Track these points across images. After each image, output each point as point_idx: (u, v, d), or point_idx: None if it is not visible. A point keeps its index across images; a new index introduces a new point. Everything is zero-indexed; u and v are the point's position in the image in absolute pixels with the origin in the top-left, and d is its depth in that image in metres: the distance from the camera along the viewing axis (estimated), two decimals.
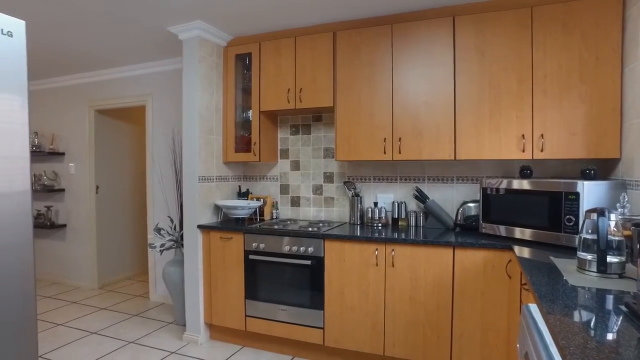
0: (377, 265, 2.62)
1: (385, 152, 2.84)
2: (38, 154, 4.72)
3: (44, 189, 4.69)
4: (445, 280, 2.46)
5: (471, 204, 2.81)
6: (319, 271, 2.78)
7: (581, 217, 2.08)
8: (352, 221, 3.19)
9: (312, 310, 2.81)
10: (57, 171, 4.84)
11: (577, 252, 1.64)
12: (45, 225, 4.73)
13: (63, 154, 4.78)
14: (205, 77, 3.18)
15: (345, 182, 3.26)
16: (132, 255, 5.17)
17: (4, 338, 1.26)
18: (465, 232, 2.75)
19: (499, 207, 2.50)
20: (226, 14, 2.85)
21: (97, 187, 4.64)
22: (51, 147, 4.79)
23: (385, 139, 2.84)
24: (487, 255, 2.35)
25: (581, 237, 1.62)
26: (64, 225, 4.81)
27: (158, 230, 3.54)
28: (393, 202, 3.12)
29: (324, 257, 2.76)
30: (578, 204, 2.10)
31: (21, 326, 1.31)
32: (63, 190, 4.80)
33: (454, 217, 2.90)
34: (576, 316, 1.12)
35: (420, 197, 2.98)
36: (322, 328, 2.78)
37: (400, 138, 2.80)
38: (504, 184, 2.47)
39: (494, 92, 2.56)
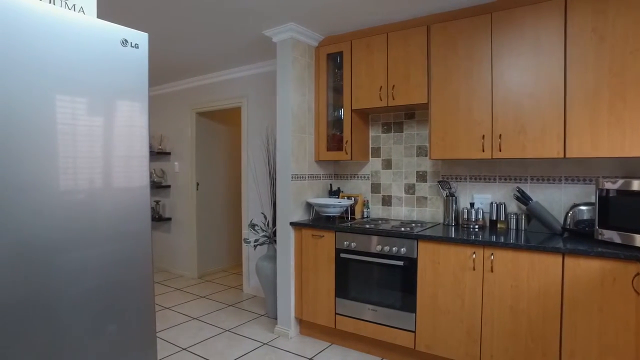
0: (474, 269, 2.48)
1: (483, 150, 2.67)
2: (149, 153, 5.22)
3: (154, 186, 5.19)
4: (553, 290, 2.24)
5: (583, 207, 2.53)
6: (412, 272, 2.70)
7: None
8: (446, 222, 3.06)
9: (402, 312, 2.74)
10: (164, 169, 5.33)
11: None
12: (154, 218, 5.24)
13: (169, 153, 5.24)
14: (298, 77, 3.26)
15: (439, 182, 3.13)
16: (228, 249, 5.50)
17: (129, 316, 1.40)
18: (575, 238, 2.48)
19: (621, 211, 2.20)
20: (318, 14, 2.89)
21: (198, 184, 5.01)
22: (159, 147, 5.28)
23: (483, 136, 2.67)
24: (606, 265, 2.09)
25: None
26: (170, 219, 5.27)
27: (252, 226, 3.71)
28: (491, 203, 2.92)
29: (417, 258, 2.68)
30: None
31: (143, 306, 1.45)
32: (169, 186, 5.27)
33: (562, 221, 2.64)
34: None
35: (522, 198, 2.75)
36: (413, 331, 2.70)
37: (500, 135, 2.61)
38: (628, 186, 2.17)
39: (616, 80, 2.26)
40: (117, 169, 1.37)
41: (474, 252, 2.47)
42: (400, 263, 2.73)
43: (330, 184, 3.69)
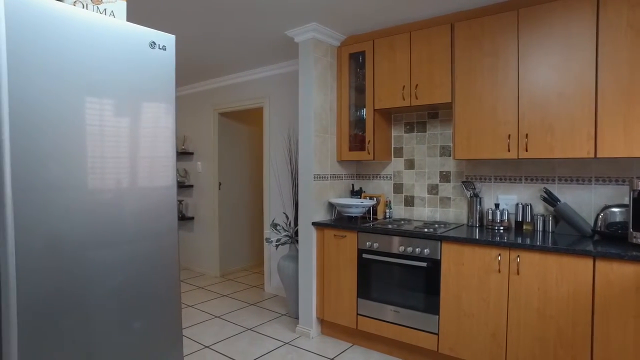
0: (499, 271, 2.42)
1: (509, 150, 2.61)
2: None
3: (177, 185, 5.26)
4: (583, 295, 2.17)
5: (615, 209, 2.44)
6: (435, 274, 2.66)
7: None
8: (470, 223, 3.00)
9: (425, 314, 2.70)
10: (187, 169, 5.41)
11: None
12: (178, 217, 5.30)
13: (192, 153, 5.32)
14: (320, 77, 3.26)
15: (463, 182, 3.07)
16: (250, 248, 5.54)
17: (157, 313, 1.42)
18: (607, 241, 2.40)
19: None
20: (341, 13, 2.88)
21: (220, 184, 5.07)
22: (183, 147, 5.36)
23: (509, 135, 2.61)
24: None
25: None
26: (192, 218, 5.34)
27: (274, 225, 3.72)
28: (517, 204, 2.85)
29: (440, 259, 2.64)
30: None
31: (169, 303, 1.47)
32: (192, 186, 5.34)
33: (592, 223, 2.55)
34: None
35: (550, 199, 2.68)
36: (437, 334, 2.66)
37: (527, 134, 2.55)
38: None
39: None
40: (143, 169, 1.39)
41: (499, 254, 2.42)
42: (424, 264, 2.69)
43: (352, 184, 3.67)
